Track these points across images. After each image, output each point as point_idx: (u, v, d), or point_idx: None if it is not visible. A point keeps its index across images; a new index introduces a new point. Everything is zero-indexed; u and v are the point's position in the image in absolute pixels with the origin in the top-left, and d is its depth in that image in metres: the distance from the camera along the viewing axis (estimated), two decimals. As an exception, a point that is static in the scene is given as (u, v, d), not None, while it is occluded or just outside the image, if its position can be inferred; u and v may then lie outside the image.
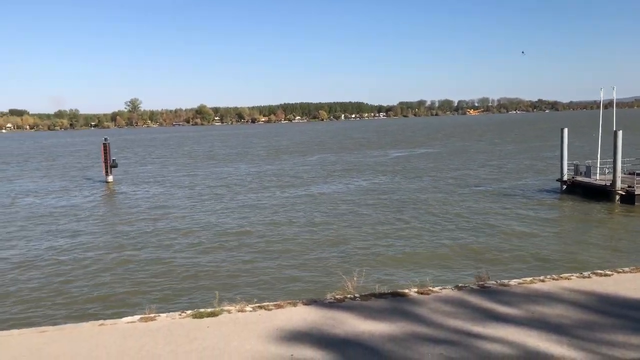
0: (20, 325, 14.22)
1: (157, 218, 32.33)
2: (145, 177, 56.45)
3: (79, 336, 10.39)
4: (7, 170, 70.45)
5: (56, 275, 21.19)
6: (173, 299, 17.61)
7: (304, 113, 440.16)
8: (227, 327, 10.59)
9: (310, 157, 75.08)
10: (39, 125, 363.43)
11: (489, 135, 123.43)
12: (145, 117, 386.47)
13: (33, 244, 26.63)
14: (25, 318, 16.38)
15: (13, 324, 15.16)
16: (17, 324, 14.66)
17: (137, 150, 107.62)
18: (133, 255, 23.81)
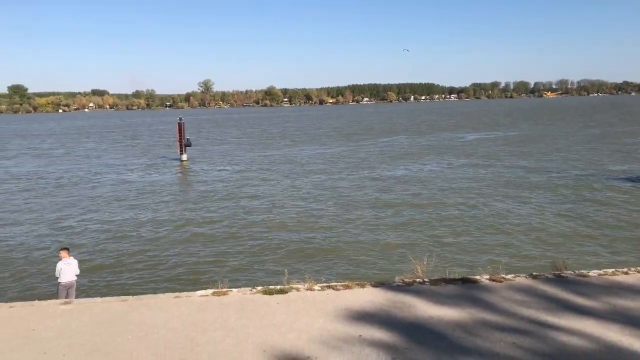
0: (103, 293, 15.16)
1: (228, 196, 33.26)
2: (218, 156, 58.12)
3: (156, 306, 10.93)
4: (94, 148, 74.71)
5: (135, 248, 22.35)
6: (244, 275, 18.14)
7: (372, 94, 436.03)
8: (296, 304, 10.78)
9: (382, 139, 74.52)
10: (118, 105, 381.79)
11: (575, 119, 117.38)
12: (217, 97, 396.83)
13: (112, 217, 28.18)
14: (107, 287, 17.43)
15: (97, 291, 16.18)
16: (101, 292, 15.63)
17: (210, 130, 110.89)
18: (204, 231, 24.68)
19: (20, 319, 10.35)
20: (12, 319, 10.38)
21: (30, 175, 45.99)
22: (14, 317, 10.47)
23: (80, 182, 40.98)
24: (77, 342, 9.30)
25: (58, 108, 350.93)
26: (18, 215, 28.87)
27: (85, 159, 59.50)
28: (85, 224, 26.81)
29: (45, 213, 29.39)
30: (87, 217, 28.33)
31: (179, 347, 9.04)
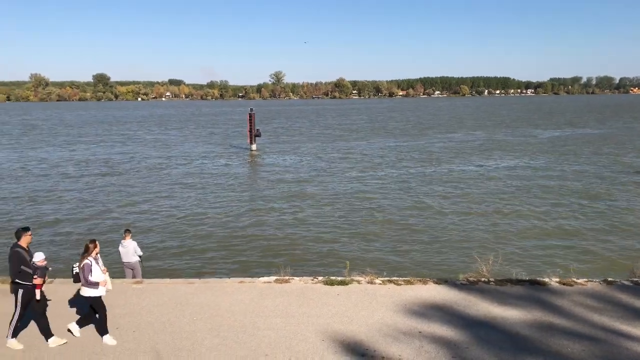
0: (171, 275, 15.80)
1: (295, 185, 33.70)
2: (287, 147, 58.98)
3: (221, 290, 11.29)
4: (171, 136, 77.92)
5: (202, 232, 23.13)
6: (306, 264, 18.37)
7: (444, 88, 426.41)
8: (357, 296, 10.81)
9: (454, 134, 72.89)
10: (193, 95, 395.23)
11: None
12: (288, 89, 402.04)
13: (182, 203, 29.28)
14: (175, 269, 18.17)
15: (166, 273, 16.89)
16: (170, 274, 16.30)
17: (280, 121, 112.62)
18: (270, 219, 25.15)
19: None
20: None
21: (113, 160, 48.61)
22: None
23: (155, 168, 42.85)
24: (146, 320, 9.78)
25: (137, 96, 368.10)
26: (95, 197, 30.62)
27: (164, 145, 62.12)
28: (157, 207, 28.02)
29: (122, 195, 30.99)
30: (159, 201, 29.60)
31: (241, 331, 9.30)
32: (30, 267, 8.68)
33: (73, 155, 52.48)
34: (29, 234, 8.97)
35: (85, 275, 8.78)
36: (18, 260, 8.59)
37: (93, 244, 9.02)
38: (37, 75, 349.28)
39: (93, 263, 8.89)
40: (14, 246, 8.76)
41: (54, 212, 27.08)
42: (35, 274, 8.69)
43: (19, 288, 8.67)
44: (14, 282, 8.68)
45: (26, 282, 8.64)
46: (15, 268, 8.57)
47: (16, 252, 8.65)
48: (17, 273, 8.58)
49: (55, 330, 9.07)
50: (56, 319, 9.47)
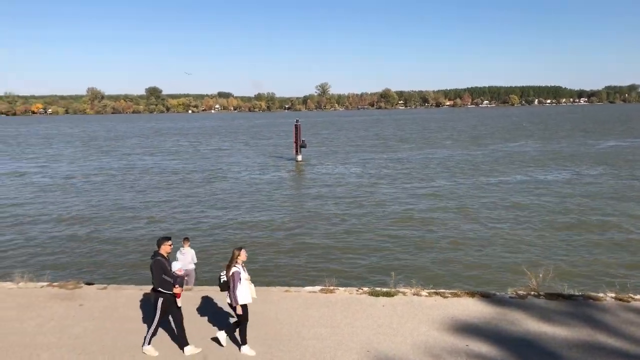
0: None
1: (340, 196, 33.78)
2: (332, 157, 59.24)
3: (268, 299, 11.45)
4: (220, 147, 79.70)
5: (249, 240, 23.50)
6: (351, 274, 18.36)
7: (492, 97, 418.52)
8: (402, 308, 10.74)
9: (505, 144, 71.35)
10: (241, 107, 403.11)
11: None
12: (333, 100, 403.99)
13: (229, 212, 29.85)
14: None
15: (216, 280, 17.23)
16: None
17: (325, 132, 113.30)
18: (315, 229, 25.30)
19: (148, 300, 11.36)
20: (142, 300, 11.44)
21: (165, 169, 50.11)
22: (145, 299, 11.53)
23: (205, 178, 43.89)
24: (196, 325, 10.04)
25: (188, 109, 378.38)
26: (146, 205, 31.63)
27: (214, 156, 63.58)
28: (205, 216, 28.67)
29: (172, 204, 31.89)
30: (207, 210, 30.29)
31: (286, 340, 9.42)
32: (171, 276, 8.96)
33: (127, 165, 54.43)
34: (169, 243, 9.17)
35: (235, 283, 8.77)
36: (160, 269, 8.84)
37: (239, 251, 9.05)
38: (93, 89, 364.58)
39: (241, 270, 8.92)
40: (155, 255, 9.02)
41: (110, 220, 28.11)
42: (175, 282, 8.95)
43: (160, 296, 8.89)
44: (156, 290, 8.91)
45: (167, 291, 8.88)
46: (158, 277, 8.81)
47: (158, 262, 8.89)
48: (160, 282, 8.82)
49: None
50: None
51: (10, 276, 13.06)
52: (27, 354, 8.82)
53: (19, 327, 9.93)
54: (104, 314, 10.60)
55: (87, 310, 10.77)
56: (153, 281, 8.92)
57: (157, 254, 9.00)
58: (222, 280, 8.95)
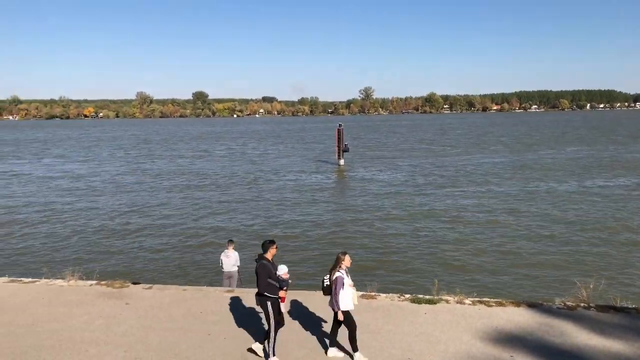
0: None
1: (382, 201, 33.53)
2: (374, 162, 58.95)
3: (310, 302, 11.46)
4: (265, 151, 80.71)
5: (291, 244, 23.63)
6: (393, 281, 18.17)
7: (541, 101, 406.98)
8: (444, 316, 10.54)
9: (559, 150, 69.32)
10: (284, 111, 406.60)
11: None
12: (377, 104, 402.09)
13: (271, 215, 30.11)
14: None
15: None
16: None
17: (368, 136, 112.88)
18: (356, 234, 25.17)
19: (192, 301, 11.58)
20: (185, 300, 11.67)
21: (212, 172, 51.09)
22: (187, 299, 11.76)
23: (250, 182, 44.46)
24: (237, 327, 10.14)
25: (233, 113, 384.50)
26: (193, 207, 32.28)
27: (259, 159, 64.42)
28: (248, 219, 29.01)
29: (217, 206, 32.44)
30: (250, 212, 30.64)
31: (327, 345, 9.38)
32: (276, 279, 8.86)
33: (176, 167, 55.76)
34: (275, 246, 9.11)
35: (338, 288, 8.59)
36: (266, 273, 8.76)
37: (343, 256, 8.86)
38: (142, 94, 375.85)
39: (345, 276, 8.80)
40: (260, 258, 8.96)
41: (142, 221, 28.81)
42: (280, 286, 8.87)
43: (267, 300, 8.80)
44: (262, 294, 8.82)
45: (272, 295, 8.80)
46: (263, 281, 8.74)
47: (264, 265, 8.82)
48: (265, 286, 8.75)
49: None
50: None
51: (62, 274, 13.54)
52: (76, 350, 9.11)
53: (69, 323, 10.28)
54: (148, 313, 10.84)
55: (133, 309, 11.04)
56: (258, 285, 8.83)
57: (262, 258, 8.93)
58: (325, 284, 8.87)
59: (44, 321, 10.34)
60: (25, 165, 62.59)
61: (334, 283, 8.66)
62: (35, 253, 22.87)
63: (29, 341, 9.42)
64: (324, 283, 8.89)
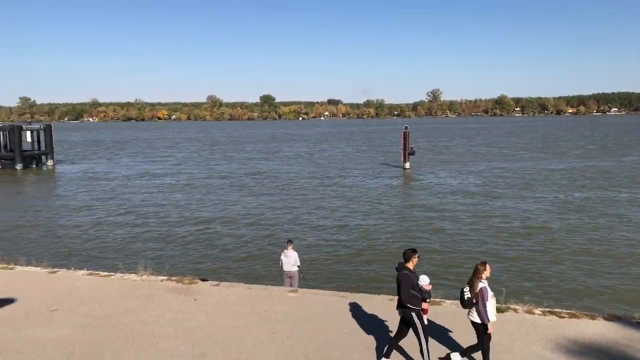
0: (324, 286, 16.31)
1: (447, 205, 32.84)
2: (441, 165, 57.85)
3: (371, 305, 11.41)
4: (331, 154, 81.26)
5: (354, 247, 23.60)
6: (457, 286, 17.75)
7: (622, 104, 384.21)
8: (512, 325, 10.19)
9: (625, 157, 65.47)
10: (349, 114, 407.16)
11: None
12: (444, 107, 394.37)
13: (334, 216, 30.21)
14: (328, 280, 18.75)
15: (320, 283, 17.52)
16: (323, 285, 16.86)
17: (435, 139, 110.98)
18: (420, 239, 24.79)
19: (257, 300, 11.82)
20: (251, 298, 11.93)
21: (279, 174, 52.05)
22: (253, 297, 12.01)
23: (315, 184, 44.87)
24: (300, 328, 10.25)
25: (298, 116, 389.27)
26: (258, 207, 32.97)
27: (323, 162, 64.94)
28: (310, 220, 29.28)
29: (282, 207, 32.98)
30: (313, 213, 30.90)
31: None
32: (419, 290, 8.52)
33: (245, 169, 57.19)
34: (417, 256, 8.73)
35: (485, 299, 8.19)
36: (409, 284, 8.45)
37: (483, 266, 8.44)
38: (213, 97, 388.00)
39: (487, 286, 8.44)
40: (402, 268, 8.64)
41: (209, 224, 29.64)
42: (423, 298, 8.52)
43: (412, 312, 8.48)
44: (404, 306, 8.52)
45: (415, 307, 8.47)
46: (406, 292, 8.41)
47: (407, 275, 8.50)
48: (409, 297, 8.42)
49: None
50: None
51: (135, 269, 14.21)
52: (148, 343, 9.53)
53: (141, 316, 10.77)
54: (215, 309, 11.16)
55: (201, 305, 11.41)
56: (400, 296, 8.52)
57: (403, 268, 8.62)
58: (465, 297, 8.43)
59: (118, 314, 10.89)
60: (105, 164, 66.22)
61: (480, 295, 8.21)
62: (112, 248, 24.14)
63: (106, 332, 9.95)
64: (464, 295, 8.43)
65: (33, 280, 13.27)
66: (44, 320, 10.52)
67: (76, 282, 13.08)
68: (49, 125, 67.40)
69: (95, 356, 8.95)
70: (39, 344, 9.39)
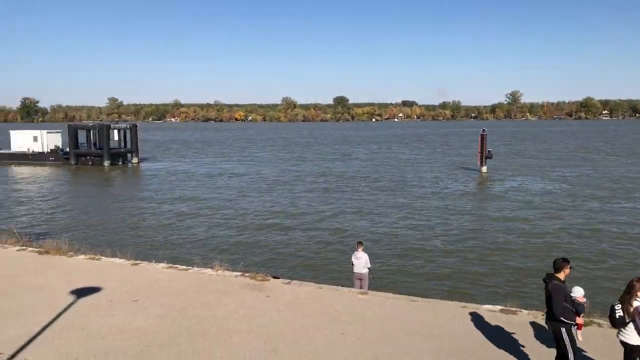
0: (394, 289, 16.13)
1: (525, 212, 31.48)
2: (521, 170, 55.57)
3: (443, 312, 11.15)
4: (407, 157, 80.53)
5: (426, 251, 23.18)
6: (533, 296, 16.99)
7: None
8: (596, 340, 9.60)
9: None
10: (424, 115, 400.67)
11: None
12: (525, 109, 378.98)
13: (407, 221, 29.80)
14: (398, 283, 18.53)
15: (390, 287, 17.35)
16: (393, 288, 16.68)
17: (515, 143, 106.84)
18: (496, 245, 23.94)
19: (327, 300, 11.88)
20: (321, 298, 12.00)
21: (353, 175, 52.21)
22: (323, 297, 12.09)
23: (389, 186, 44.56)
24: (369, 329, 10.20)
25: (372, 117, 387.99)
26: (332, 208, 33.16)
27: (396, 164, 64.41)
28: (381, 222, 29.06)
29: (356, 209, 32.98)
30: (388, 216, 30.66)
31: (461, 357, 9.06)
32: (571, 303, 8.00)
33: (320, 169, 57.82)
34: (569, 266, 8.16)
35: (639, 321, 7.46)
36: (562, 295, 7.90)
37: (639, 282, 7.59)
38: (287, 99, 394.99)
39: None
40: (551, 278, 8.09)
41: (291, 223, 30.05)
42: (576, 311, 8.00)
43: (562, 326, 7.95)
44: (555, 319, 7.99)
45: (569, 321, 7.96)
46: (559, 304, 7.86)
47: (558, 287, 7.94)
48: (562, 309, 7.87)
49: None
50: None
51: (211, 264, 14.70)
52: (222, 336, 9.82)
53: (216, 310, 11.13)
54: (287, 307, 11.33)
55: (273, 302, 11.62)
56: (552, 308, 7.97)
57: (553, 278, 8.06)
58: (617, 315, 7.58)
59: (194, 307, 11.30)
60: (186, 163, 69.13)
61: (636, 314, 7.44)
62: (189, 243, 25.14)
63: (183, 324, 10.36)
64: (616, 313, 7.59)
65: (117, 271, 14.06)
66: (127, 309, 11.11)
67: (156, 274, 13.73)
68: (135, 125, 71.23)
69: (173, 346, 9.34)
70: (122, 332, 9.93)
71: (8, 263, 14.67)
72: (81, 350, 9.12)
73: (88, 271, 13.92)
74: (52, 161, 66.43)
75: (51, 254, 15.73)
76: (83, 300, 11.60)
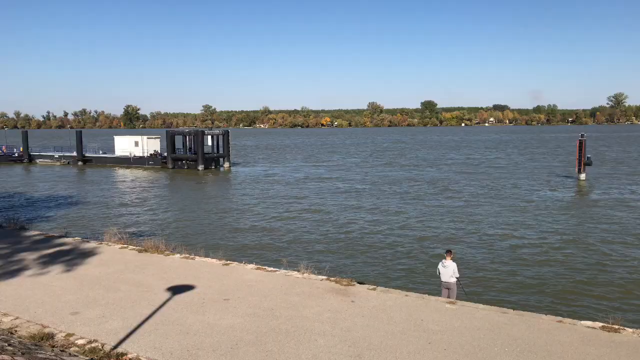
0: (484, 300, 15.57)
1: (629, 225, 29.21)
2: (624, 178, 51.59)
3: (536, 326, 10.59)
4: (500, 163, 77.78)
5: (515, 261, 22.15)
6: (637, 312, 15.72)
7: None
8: None
9: None
10: (517, 120, 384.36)
11: None
12: (630, 113, 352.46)
13: (497, 229, 28.63)
14: (489, 294, 17.86)
15: (480, 297, 16.77)
16: (483, 299, 16.11)
17: (618, 149, 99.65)
18: (592, 256, 22.31)
19: (413, 308, 11.69)
20: (407, 306, 11.83)
21: (445, 182, 51.19)
22: (409, 305, 11.91)
23: (482, 194, 43.17)
24: (457, 340, 9.90)
25: (461, 122, 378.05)
26: (419, 214, 32.61)
27: (489, 170, 62.34)
28: (472, 229, 28.12)
29: (446, 216, 32.23)
30: (477, 224, 29.65)
31: (557, 375, 8.55)
32: None
33: (411, 175, 57.17)
34: None
35: None
36: None
37: None
38: (374, 104, 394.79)
39: None
40: None
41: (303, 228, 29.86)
42: None
43: None
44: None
45: None
46: None
47: None
48: None
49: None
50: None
51: (297, 266, 14.96)
52: (307, 338, 9.96)
53: (302, 312, 11.30)
54: (372, 313, 11.28)
55: (358, 307, 11.61)
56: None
57: None
58: None
59: (281, 307, 11.55)
60: (275, 167, 71.00)
61: None
62: (277, 245, 25.74)
63: (270, 324, 10.63)
64: None
65: (209, 270, 14.68)
66: (218, 308, 11.57)
67: (246, 275, 14.19)
68: (227, 131, 74.20)
69: (260, 345, 9.60)
70: (213, 329, 10.34)
71: (112, 260, 15.78)
72: (175, 345, 9.60)
73: (182, 270, 14.65)
74: (152, 165, 70.83)
75: (149, 252, 16.75)
76: (178, 297, 12.23)
